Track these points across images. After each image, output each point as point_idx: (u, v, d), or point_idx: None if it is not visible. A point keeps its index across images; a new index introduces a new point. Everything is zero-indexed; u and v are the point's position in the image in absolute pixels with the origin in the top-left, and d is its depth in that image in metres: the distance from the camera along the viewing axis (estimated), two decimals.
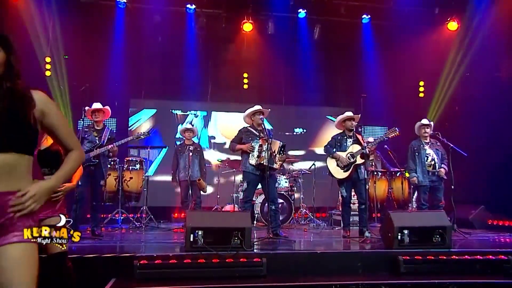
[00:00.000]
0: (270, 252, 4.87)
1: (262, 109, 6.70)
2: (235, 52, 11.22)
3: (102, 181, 6.42)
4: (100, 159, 6.30)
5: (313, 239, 6.55)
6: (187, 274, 4.39)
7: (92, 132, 6.45)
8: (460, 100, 10.53)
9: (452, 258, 4.95)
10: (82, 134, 6.35)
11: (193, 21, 10.42)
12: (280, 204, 8.24)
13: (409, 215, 5.95)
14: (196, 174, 8.03)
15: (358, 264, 4.89)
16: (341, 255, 5.06)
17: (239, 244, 4.79)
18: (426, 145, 7.44)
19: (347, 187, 6.62)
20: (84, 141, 6.27)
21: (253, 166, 6.31)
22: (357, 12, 10.67)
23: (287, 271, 4.73)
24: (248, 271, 4.54)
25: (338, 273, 4.73)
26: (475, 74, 9.95)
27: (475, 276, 4.76)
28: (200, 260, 4.50)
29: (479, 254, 5.04)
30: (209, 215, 5.38)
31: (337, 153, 6.63)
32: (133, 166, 8.05)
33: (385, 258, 4.97)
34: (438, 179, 7.33)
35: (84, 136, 6.36)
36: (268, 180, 6.38)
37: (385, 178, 8.82)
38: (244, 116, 6.73)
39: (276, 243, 5.72)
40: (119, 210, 7.87)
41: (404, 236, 5.10)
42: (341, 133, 6.87)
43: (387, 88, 11.86)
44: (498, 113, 9.23)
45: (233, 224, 4.86)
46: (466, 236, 6.64)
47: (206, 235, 4.75)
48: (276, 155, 6.29)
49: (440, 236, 5.17)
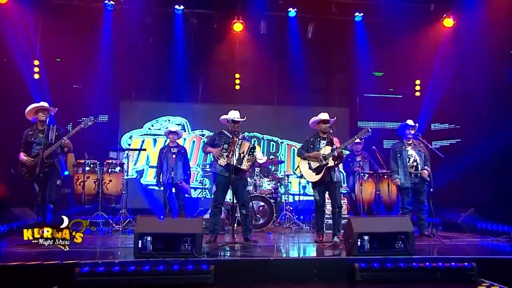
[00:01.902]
0: (219, 259, 4.75)
1: (238, 119, 6.55)
2: (226, 52, 11.12)
3: (58, 180, 6.24)
4: (53, 158, 6.14)
5: (281, 244, 6.37)
6: (130, 282, 4.31)
7: (37, 133, 6.21)
8: (455, 100, 10.23)
9: (412, 266, 4.75)
10: (28, 138, 6.19)
11: (181, 22, 10.34)
12: (261, 207, 8.16)
13: (370, 221, 5.76)
14: (180, 176, 7.97)
15: (314, 272, 4.72)
16: (296, 262, 4.90)
17: (190, 250, 4.68)
18: (408, 146, 7.22)
19: (320, 190, 6.44)
20: (32, 145, 6.12)
21: (221, 167, 6.21)
22: (349, 10, 10.45)
23: (237, 279, 4.59)
24: (194, 279, 4.43)
25: (291, 281, 4.59)
26: (471, 72, 9.61)
27: (436, 284, 4.57)
28: (145, 267, 4.40)
29: (441, 261, 4.81)
30: (160, 221, 5.27)
31: (308, 154, 6.46)
32: (113, 168, 8.03)
33: (342, 266, 4.79)
34: (421, 181, 7.10)
35: (30, 140, 6.19)
36: (237, 183, 6.28)
37: (372, 180, 8.58)
38: (221, 119, 6.63)
39: (236, 248, 5.58)
40: (99, 213, 7.85)
41: (364, 242, 4.90)
42: (315, 134, 6.68)
43: (383, 87, 11.66)
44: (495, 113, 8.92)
45: (184, 230, 4.74)
46: (444, 241, 6.38)
47: (155, 241, 4.65)
48: (245, 156, 6.18)
49: (403, 242, 4.96)
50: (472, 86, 9.45)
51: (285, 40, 10.90)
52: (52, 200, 6.18)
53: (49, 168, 6.09)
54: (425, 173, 7.04)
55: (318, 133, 6.65)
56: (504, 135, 8.24)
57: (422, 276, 4.71)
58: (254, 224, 7.99)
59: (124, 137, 10.72)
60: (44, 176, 6.02)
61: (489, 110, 9.12)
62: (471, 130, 9.60)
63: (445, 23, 10.20)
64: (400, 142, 7.33)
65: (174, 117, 10.94)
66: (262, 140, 11.25)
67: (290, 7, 10.29)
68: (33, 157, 6.12)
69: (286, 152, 11.26)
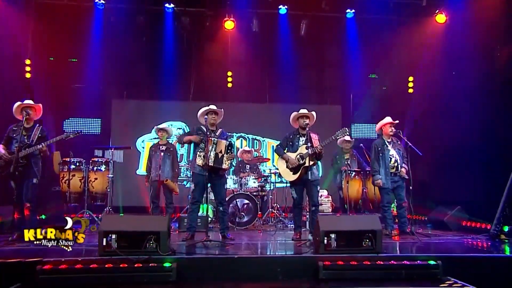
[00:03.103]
0: (182, 257, 4.76)
1: (216, 109, 6.57)
2: (218, 50, 11.15)
3: (35, 179, 6.16)
4: (30, 159, 6.12)
5: (257, 242, 6.37)
6: (93, 280, 4.34)
7: (21, 131, 6.13)
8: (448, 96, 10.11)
9: (376, 264, 4.72)
10: (10, 134, 6.20)
11: (172, 21, 10.38)
12: (245, 205, 8.17)
13: (338, 219, 5.74)
14: (167, 174, 8.00)
15: (278, 270, 4.72)
16: (260, 261, 4.89)
17: (155, 248, 4.72)
18: (389, 145, 7.17)
19: (298, 189, 6.42)
20: (12, 141, 6.10)
21: (200, 166, 6.23)
22: (340, 7, 10.40)
23: (200, 276, 4.60)
24: (157, 277, 4.45)
25: (255, 280, 4.59)
26: (463, 68, 9.50)
27: (401, 282, 4.53)
28: (108, 265, 4.44)
29: (407, 259, 4.78)
30: (125, 219, 5.30)
31: (287, 155, 6.43)
32: (98, 167, 8.10)
33: (306, 264, 4.78)
34: (400, 179, 7.11)
35: (12, 135, 6.18)
36: (215, 182, 6.34)
37: (358, 178, 8.54)
38: (198, 115, 6.62)
39: (209, 246, 5.60)
40: (85, 211, 7.93)
41: (331, 240, 4.89)
42: (294, 131, 6.66)
43: (376, 84, 11.58)
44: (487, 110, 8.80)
45: (148, 228, 4.77)
46: (421, 239, 6.34)
47: (120, 239, 4.69)
48: (224, 155, 6.19)
49: (370, 241, 4.94)
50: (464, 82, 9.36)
51: (277, 37, 10.90)
52: (28, 198, 6.11)
53: (24, 168, 6.08)
54: (403, 172, 7.05)
55: (298, 129, 6.62)
56: (499, 131, 8.17)
57: (387, 274, 4.67)
58: (238, 222, 8.04)
59: (138, 141, 10.94)
60: (20, 174, 6.04)
61: (481, 106, 9.00)
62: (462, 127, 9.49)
63: (438, 19, 10.11)
64: (380, 139, 7.27)
65: (176, 122, 10.99)
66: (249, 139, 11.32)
67: (280, 4, 10.29)
68: (11, 153, 6.12)
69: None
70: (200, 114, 6.57)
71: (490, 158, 8.31)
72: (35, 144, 6.17)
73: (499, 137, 8.19)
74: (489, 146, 8.36)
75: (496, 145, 8.23)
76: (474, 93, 8.85)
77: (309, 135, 6.31)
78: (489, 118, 8.49)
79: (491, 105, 8.53)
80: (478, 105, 8.72)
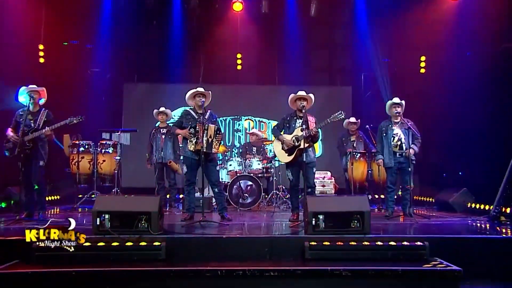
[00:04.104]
0: (171, 237, 4.91)
1: (203, 91, 6.55)
2: (228, 32, 11.13)
3: (41, 161, 6.35)
4: (37, 142, 6.30)
5: (253, 223, 6.46)
6: (86, 257, 4.53)
7: (27, 115, 6.27)
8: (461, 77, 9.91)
9: (363, 245, 4.76)
10: (17, 119, 6.38)
11: (180, 3, 10.43)
12: (249, 187, 8.28)
13: (326, 200, 5.77)
14: (169, 156, 8.21)
15: (266, 250, 4.82)
16: (249, 241, 4.99)
17: (147, 228, 4.88)
18: (394, 125, 7.09)
19: (294, 171, 6.47)
20: (19, 125, 6.24)
21: (191, 151, 6.27)
22: None
23: (188, 255, 4.73)
24: (146, 255, 4.61)
25: (242, 259, 4.68)
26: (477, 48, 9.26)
27: (386, 262, 4.56)
28: (100, 243, 4.63)
29: (394, 240, 4.81)
30: (118, 199, 5.49)
31: (282, 136, 6.48)
32: (106, 149, 8.33)
33: (293, 244, 4.86)
34: (406, 160, 6.94)
35: (18, 120, 6.33)
36: (207, 165, 6.36)
37: (363, 160, 8.51)
38: (186, 98, 6.62)
39: (204, 226, 5.74)
40: (94, 192, 8.20)
41: (319, 221, 4.94)
42: (292, 113, 6.67)
43: (387, 64, 11.39)
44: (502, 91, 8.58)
45: (140, 208, 4.92)
46: (417, 221, 6.34)
47: (113, 219, 4.87)
48: (213, 139, 6.21)
49: (358, 222, 4.97)
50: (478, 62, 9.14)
51: (286, 18, 10.83)
52: (36, 180, 6.40)
53: (31, 151, 6.28)
54: (409, 152, 6.91)
55: (295, 111, 6.64)
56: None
57: (373, 254, 4.71)
58: (241, 203, 8.16)
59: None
60: (28, 157, 6.24)
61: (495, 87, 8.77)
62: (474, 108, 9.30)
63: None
64: (388, 120, 7.22)
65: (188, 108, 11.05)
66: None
67: None
68: (19, 137, 6.29)
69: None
70: (188, 96, 6.53)
71: (498, 140, 8.16)
72: (41, 128, 6.35)
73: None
74: (499, 129, 8.19)
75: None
76: (488, 74, 8.65)
77: (306, 117, 6.31)
78: (504, 100, 8.27)
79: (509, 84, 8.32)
80: (493, 86, 8.52)
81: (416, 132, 6.95)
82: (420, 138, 7.02)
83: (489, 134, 8.34)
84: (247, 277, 4.28)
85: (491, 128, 8.31)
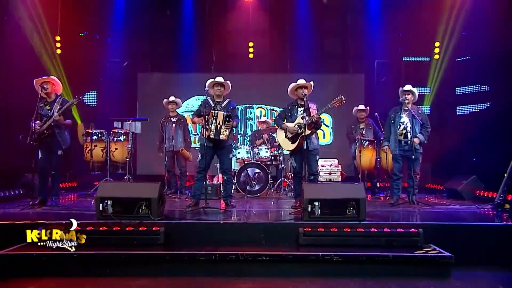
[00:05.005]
0: (170, 222, 5.08)
1: (222, 81, 6.69)
2: (240, 21, 11.19)
3: (59, 151, 6.58)
4: (54, 130, 6.51)
5: (256, 210, 6.56)
6: (88, 241, 4.74)
7: (45, 106, 6.59)
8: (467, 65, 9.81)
9: (357, 231, 4.84)
10: (39, 110, 6.60)
11: None
12: (257, 174, 8.40)
13: (322, 187, 5.84)
14: (180, 144, 8.41)
15: (261, 235, 4.95)
16: (245, 226, 5.11)
17: (147, 213, 5.07)
18: (403, 113, 7.04)
19: (297, 158, 6.54)
20: (42, 117, 6.51)
21: (204, 138, 6.44)
22: None
23: (187, 240, 4.92)
24: (146, 240, 4.81)
25: (238, 245, 4.82)
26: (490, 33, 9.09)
27: (380, 248, 4.63)
28: (102, 228, 4.84)
29: (388, 226, 4.86)
30: (120, 186, 5.68)
31: (285, 124, 6.56)
32: (118, 137, 8.54)
33: (288, 230, 4.97)
34: (411, 148, 6.90)
35: (40, 112, 6.60)
36: (220, 153, 6.56)
37: (372, 147, 8.47)
38: (206, 87, 6.76)
39: (206, 213, 5.88)
40: (107, 179, 8.45)
41: (315, 208, 5.04)
42: (293, 102, 6.74)
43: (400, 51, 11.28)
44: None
45: (141, 194, 5.13)
46: (419, 209, 6.35)
47: (115, 205, 5.08)
48: (222, 126, 6.34)
49: (354, 209, 5.05)
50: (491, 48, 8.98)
51: (298, 6, 10.83)
52: (54, 168, 6.68)
53: (50, 139, 6.54)
54: (415, 141, 6.86)
55: (296, 100, 6.69)
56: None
57: (366, 241, 4.78)
58: (249, 190, 8.29)
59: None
60: (48, 145, 6.55)
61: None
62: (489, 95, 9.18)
63: None
64: (398, 107, 7.17)
65: (202, 96, 11.16)
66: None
67: None
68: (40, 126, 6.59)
69: None
70: (208, 85, 6.72)
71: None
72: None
73: None
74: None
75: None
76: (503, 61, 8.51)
77: (307, 104, 6.36)
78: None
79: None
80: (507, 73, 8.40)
81: (420, 121, 6.89)
82: (429, 128, 6.97)
83: (504, 121, 8.23)
84: (240, 261, 4.44)
85: (506, 116, 8.19)
